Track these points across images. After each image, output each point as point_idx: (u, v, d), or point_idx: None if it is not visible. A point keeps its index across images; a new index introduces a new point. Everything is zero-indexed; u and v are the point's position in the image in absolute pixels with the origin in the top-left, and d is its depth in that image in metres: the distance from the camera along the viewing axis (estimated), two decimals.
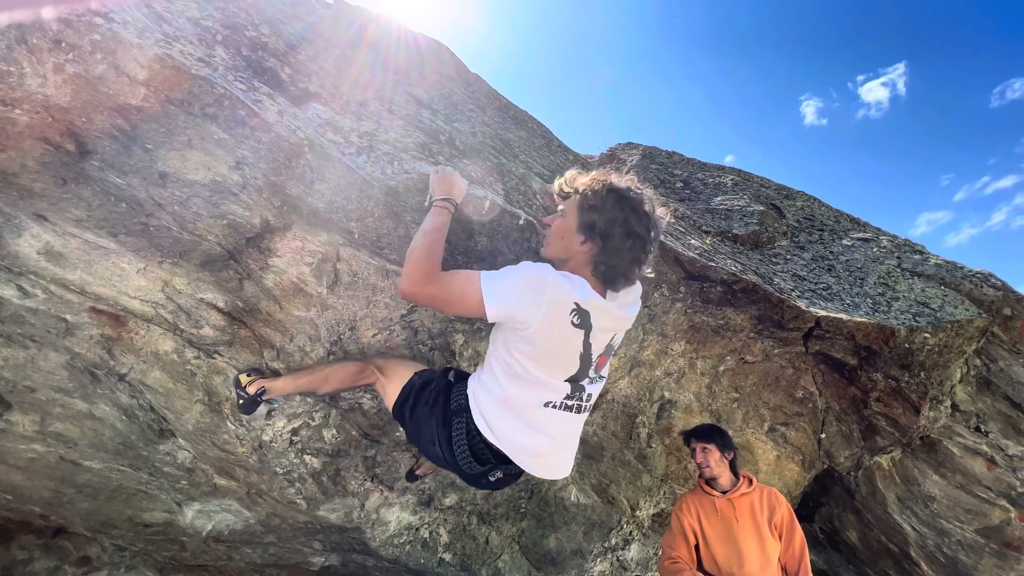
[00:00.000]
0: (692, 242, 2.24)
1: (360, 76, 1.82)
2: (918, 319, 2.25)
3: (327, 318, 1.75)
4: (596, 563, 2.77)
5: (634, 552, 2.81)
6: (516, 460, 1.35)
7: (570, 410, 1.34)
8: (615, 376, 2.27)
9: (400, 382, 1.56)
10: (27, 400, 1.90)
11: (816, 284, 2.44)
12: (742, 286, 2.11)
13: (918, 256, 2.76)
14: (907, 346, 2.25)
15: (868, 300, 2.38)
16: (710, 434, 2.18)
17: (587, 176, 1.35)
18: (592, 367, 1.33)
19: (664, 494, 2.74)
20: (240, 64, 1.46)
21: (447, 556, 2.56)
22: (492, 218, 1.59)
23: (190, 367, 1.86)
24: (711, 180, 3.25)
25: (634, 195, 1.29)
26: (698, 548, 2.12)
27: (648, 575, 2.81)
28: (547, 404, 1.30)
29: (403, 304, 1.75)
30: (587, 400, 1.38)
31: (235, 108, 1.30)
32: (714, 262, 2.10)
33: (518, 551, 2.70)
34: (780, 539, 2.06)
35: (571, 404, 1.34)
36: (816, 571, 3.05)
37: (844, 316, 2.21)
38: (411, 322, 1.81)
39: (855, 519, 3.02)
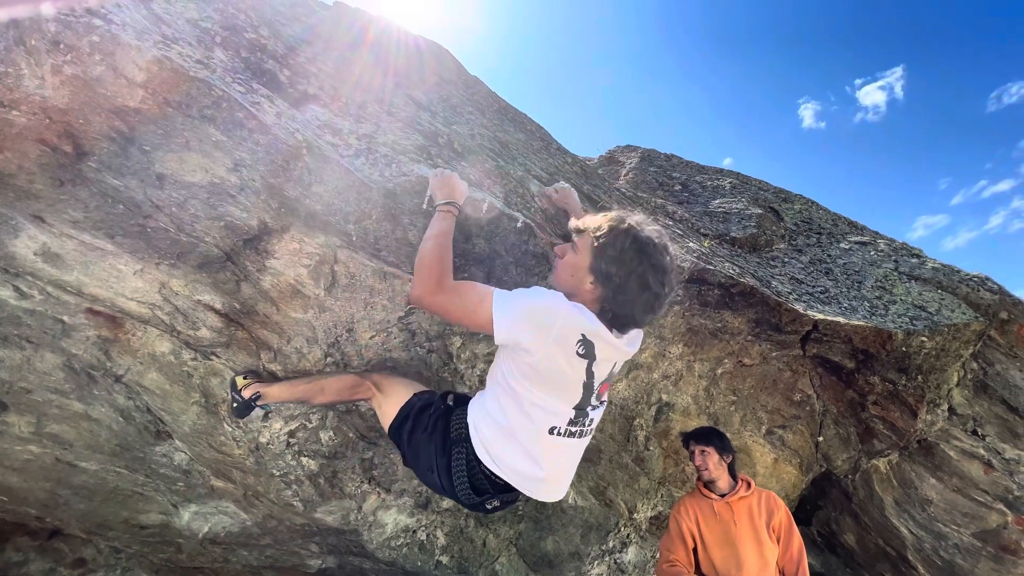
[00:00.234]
0: (690, 245, 2.24)
1: (359, 78, 1.82)
2: (915, 323, 2.26)
3: (324, 320, 1.75)
4: (593, 566, 2.77)
5: (632, 555, 2.80)
6: (518, 487, 1.33)
7: (574, 436, 1.33)
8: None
9: (398, 403, 1.53)
10: (23, 401, 1.89)
11: (814, 287, 2.45)
12: (740, 289, 2.11)
13: (915, 260, 2.77)
14: (904, 349, 2.25)
15: (865, 303, 2.38)
16: (709, 437, 2.18)
17: (605, 217, 1.29)
18: (594, 395, 1.31)
19: (662, 497, 2.74)
20: (239, 66, 1.46)
21: (444, 558, 2.56)
22: (490, 220, 1.59)
23: (187, 369, 1.85)
24: (709, 183, 3.26)
25: (654, 248, 1.23)
26: (696, 551, 2.11)
27: None
28: (552, 430, 1.28)
29: (401, 306, 1.75)
30: (589, 425, 1.36)
31: (233, 110, 1.30)
32: (712, 265, 2.11)
33: (515, 554, 2.69)
34: (778, 543, 2.06)
35: (575, 430, 1.32)
36: (814, 574, 3.06)
37: (842, 319, 2.21)
38: (408, 324, 1.81)
39: (852, 522, 3.02)
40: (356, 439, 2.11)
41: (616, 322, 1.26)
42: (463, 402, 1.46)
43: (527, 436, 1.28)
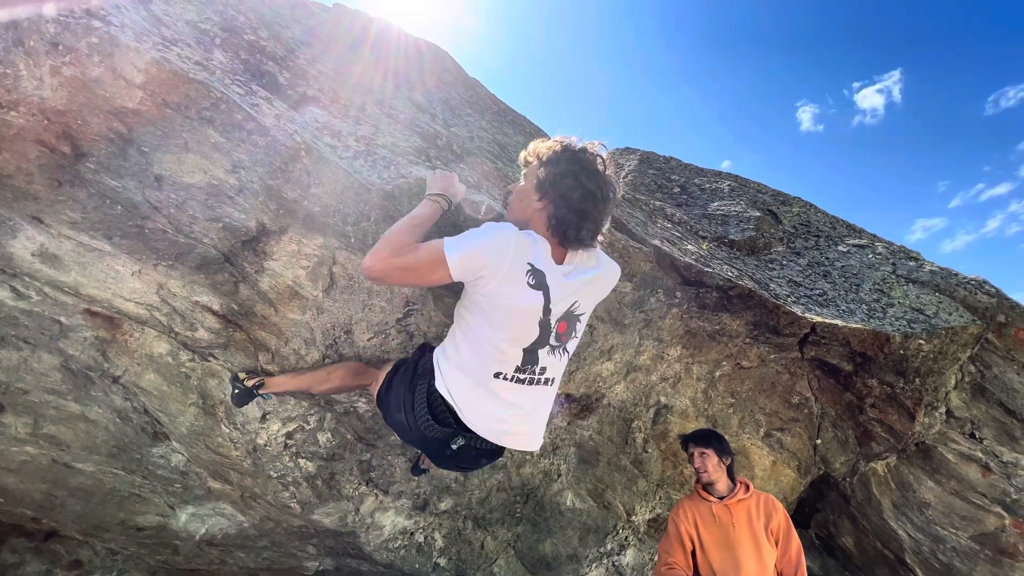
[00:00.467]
0: (688, 247, 2.25)
1: (359, 80, 1.82)
2: (913, 325, 2.26)
3: (322, 321, 1.74)
4: (592, 568, 2.76)
5: (630, 558, 2.80)
6: (472, 425, 1.33)
7: (522, 383, 1.32)
8: (611, 381, 2.27)
9: (386, 371, 1.59)
10: (20, 402, 1.88)
11: (812, 290, 2.45)
12: (738, 292, 2.12)
13: (913, 263, 2.78)
14: (902, 352, 2.26)
15: (863, 306, 2.38)
16: (708, 439, 2.18)
17: (547, 141, 1.37)
18: (552, 334, 1.31)
19: (660, 499, 2.74)
20: (238, 68, 1.46)
21: (442, 561, 2.55)
22: (488, 221, 1.59)
23: (184, 370, 1.85)
24: (708, 185, 3.26)
25: (587, 155, 1.31)
26: (694, 554, 2.11)
27: None
28: (497, 375, 1.29)
29: (399, 308, 1.75)
30: (541, 374, 1.35)
31: (232, 112, 1.30)
32: (710, 267, 2.11)
33: (513, 556, 2.69)
34: (776, 545, 2.06)
35: (523, 378, 1.32)
36: None
37: (839, 322, 2.21)
38: (407, 326, 1.81)
39: (851, 525, 3.02)
40: (354, 441, 2.10)
41: (559, 230, 1.29)
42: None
43: (476, 375, 1.30)
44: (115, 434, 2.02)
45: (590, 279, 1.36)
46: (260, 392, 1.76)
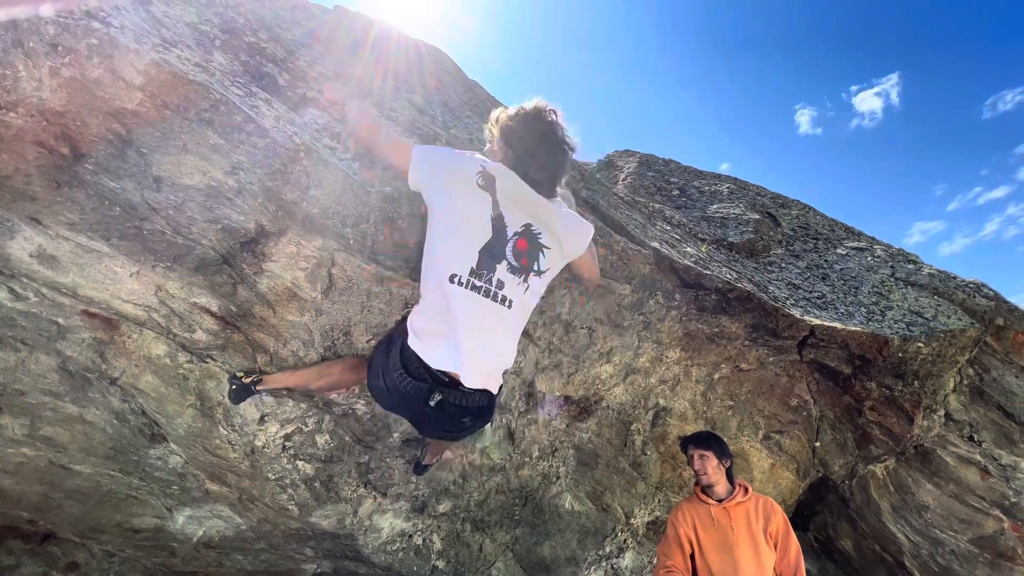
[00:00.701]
0: (687, 250, 2.25)
1: (359, 82, 1.83)
2: (911, 328, 2.27)
3: (321, 323, 1.74)
4: (590, 571, 2.76)
5: (629, 560, 2.79)
6: (437, 363, 1.33)
7: (477, 291, 1.33)
8: (610, 383, 2.27)
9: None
10: (17, 403, 1.88)
11: (811, 293, 2.45)
12: (737, 294, 2.12)
13: (912, 265, 2.78)
14: (901, 355, 2.26)
15: (862, 309, 2.39)
16: (708, 441, 2.18)
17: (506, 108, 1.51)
18: (508, 245, 1.35)
19: (659, 502, 2.74)
20: (238, 69, 1.47)
21: (440, 563, 2.54)
22: None
23: (182, 371, 1.84)
24: (707, 188, 3.27)
25: (537, 108, 1.44)
26: (693, 557, 2.11)
27: None
28: (452, 278, 1.32)
29: (397, 309, 1.75)
30: (499, 288, 1.35)
31: (231, 113, 1.30)
32: (709, 270, 2.11)
33: (512, 559, 2.68)
34: (775, 548, 2.06)
35: (479, 285, 1.33)
36: None
37: (838, 325, 2.22)
38: None
39: (849, 528, 3.02)
40: (352, 443, 2.10)
41: (514, 164, 1.41)
42: None
43: (435, 293, 1.34)
44: (112, 436, 2.01)
45: (548, 208, 1.43)
46: (258, 388, 1.75)
